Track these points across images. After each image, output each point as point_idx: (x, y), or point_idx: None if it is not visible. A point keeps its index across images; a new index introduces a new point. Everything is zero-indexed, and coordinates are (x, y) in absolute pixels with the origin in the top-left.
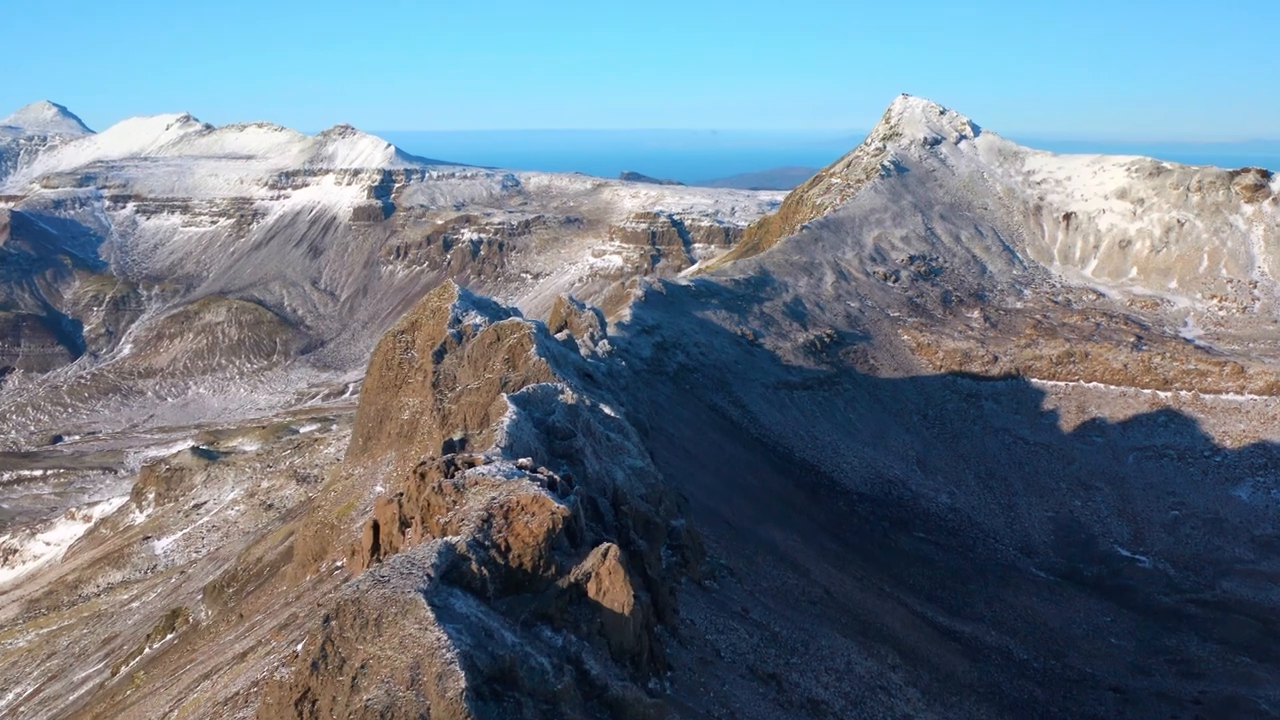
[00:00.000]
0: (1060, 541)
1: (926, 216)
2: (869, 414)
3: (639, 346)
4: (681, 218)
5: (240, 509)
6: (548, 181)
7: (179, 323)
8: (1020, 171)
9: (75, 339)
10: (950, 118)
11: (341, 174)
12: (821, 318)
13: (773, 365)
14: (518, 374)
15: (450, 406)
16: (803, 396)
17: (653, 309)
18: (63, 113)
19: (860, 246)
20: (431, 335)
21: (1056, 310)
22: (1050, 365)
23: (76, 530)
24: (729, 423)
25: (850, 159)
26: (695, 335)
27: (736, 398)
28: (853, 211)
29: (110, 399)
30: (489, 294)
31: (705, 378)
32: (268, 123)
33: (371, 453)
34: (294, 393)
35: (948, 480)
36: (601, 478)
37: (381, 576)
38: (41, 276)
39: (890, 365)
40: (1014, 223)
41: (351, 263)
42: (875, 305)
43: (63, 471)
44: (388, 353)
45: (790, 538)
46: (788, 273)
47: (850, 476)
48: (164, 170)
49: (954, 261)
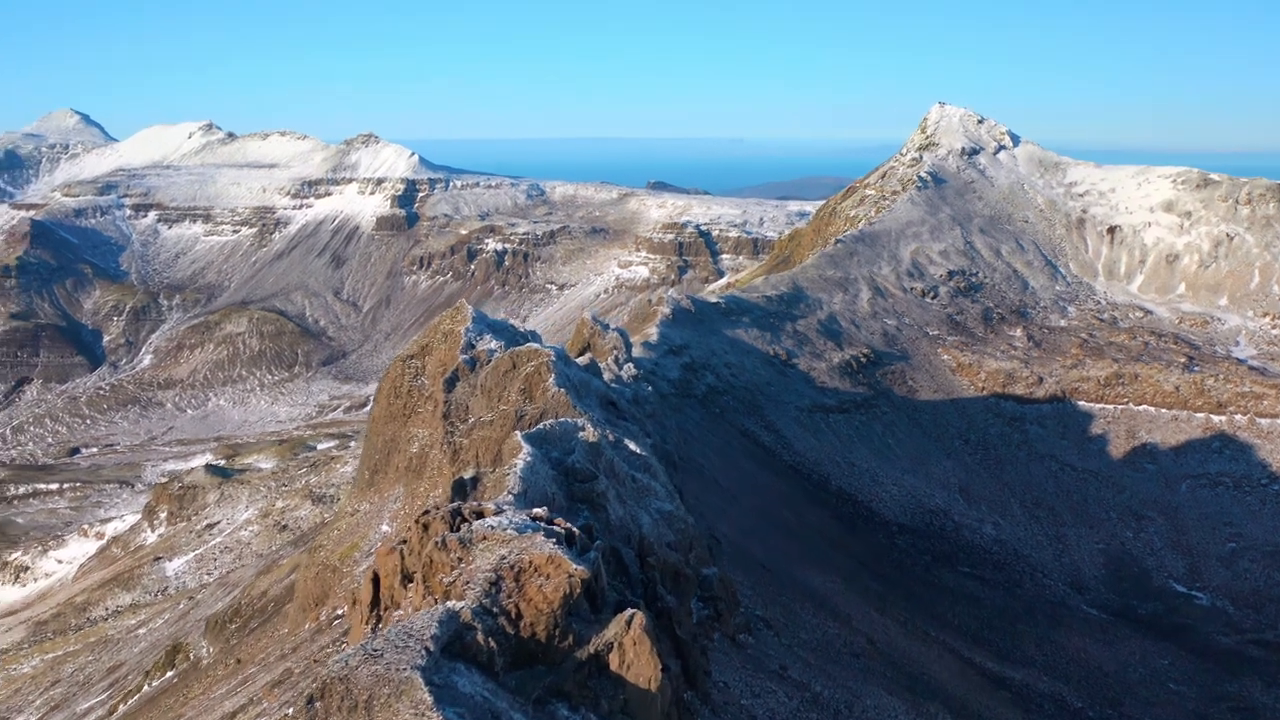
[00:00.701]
0: (1112, 576)
1: (965, 230)
2: (908, 439)
3: (666, 368)
4: (709, 228)
5: (254, 530)
6: (573, 191)
7: (199, 333)
8: (1062, 183)
9: (95, 349)
10: (989, 127)
11: (365, 183)
12: (857, 336)
13: (807, 387)
14: (535, 406)
15: (462, 440)
16: (838, 420)
17: (681, 328)
18: (85, 121)
19: (897, 261)
20: (443, 361)
21: (1102, 328)
22: (1098, 387)
23: (89, 548)
24: (761, 449)
25: (885, 170)
26: (725, 355)
27: (769, 422)
28: (889, 224)
29: (129, 410)
30: (513, 305)
31: (736, 400)
32: (290, 131)
33: (378, 487)
34: (315, 405)
35: (992, 510)
36: (626, 525)
37: (374, 650)
38: (62, 286)
39: (930, 386)
40: (1056, 236)
41: (374, 273)
42: (913, 323)
43: (79, 485)
44: (396, 379)
45: (829, 579)
46: (822, 289)
47: (889, 506)
48: (186, 179)
49: (995, 277)
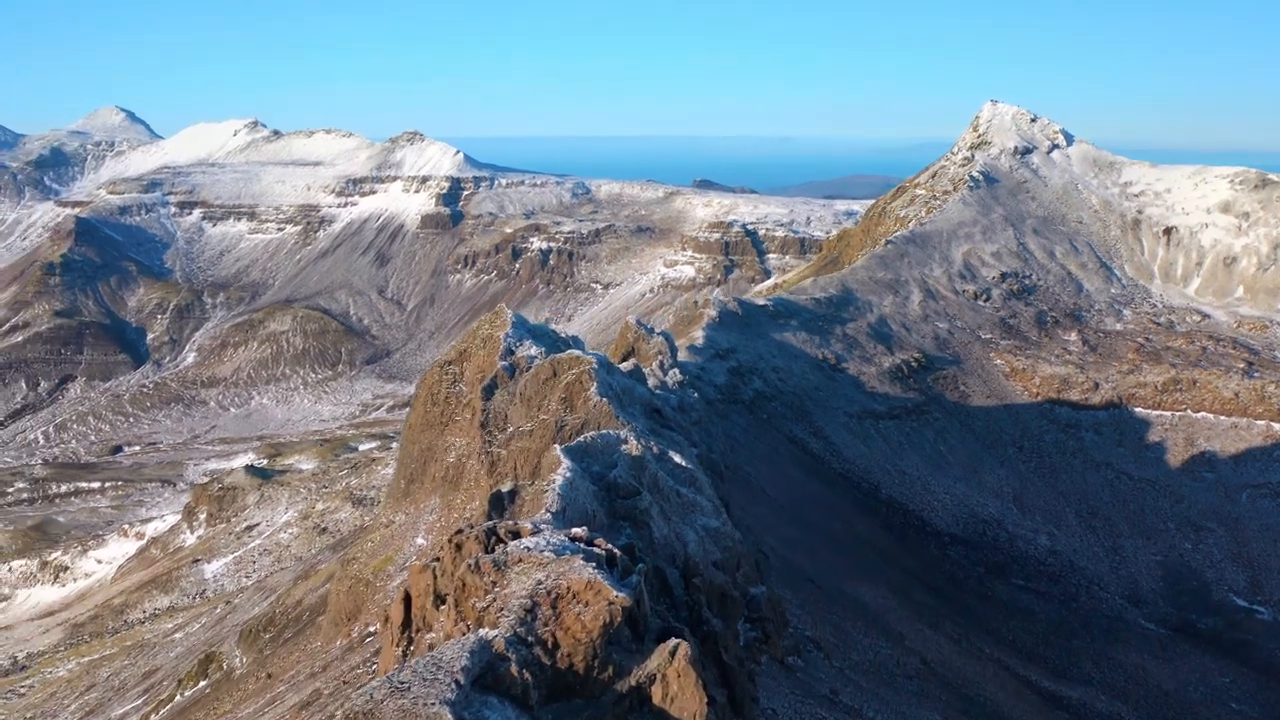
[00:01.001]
0: (1170, 589)
1: (1018, 231)
2: (960, 446)
3: (712, 372)
4: (755, 227)
5: (293, 532)
6: (619, 189)
7: (243, 331)
8: (1116, 183)
9: (139, 347)
10: (1041, 125)
11: (409, 181)
12: (908, 340)
13: (856, 392)
14: (576, 416)
15: (500, 451)
16: (889, 426)
17: (727, 330)
18: (130, 118)
19: (949, 263)
20: (481, 367)
21: (1159, 333)
22: (1155, 393)
23: (128, 548)
24: (809, 456)
25: (935, 169)
26: (773, 359)
27: (818, 428)
28: (940, 225)
29: (172, 409)
30: (558, 304)
31: (784, 406)
32: (335, 129)
33: (414, 497)
34: (359, 404)
35: (1046, 520)
36: (670, 543)
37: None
38: (106, 283)
39: (982, 392)
40: (1111, 238)
41: (419, 271)
42: (965, 326)
43: (120, 484)
44: (433, 386)
45: (880, 594)
46: (872, 291)
47: (941, 515)
48: (231, 176)
49: (1048, 279)
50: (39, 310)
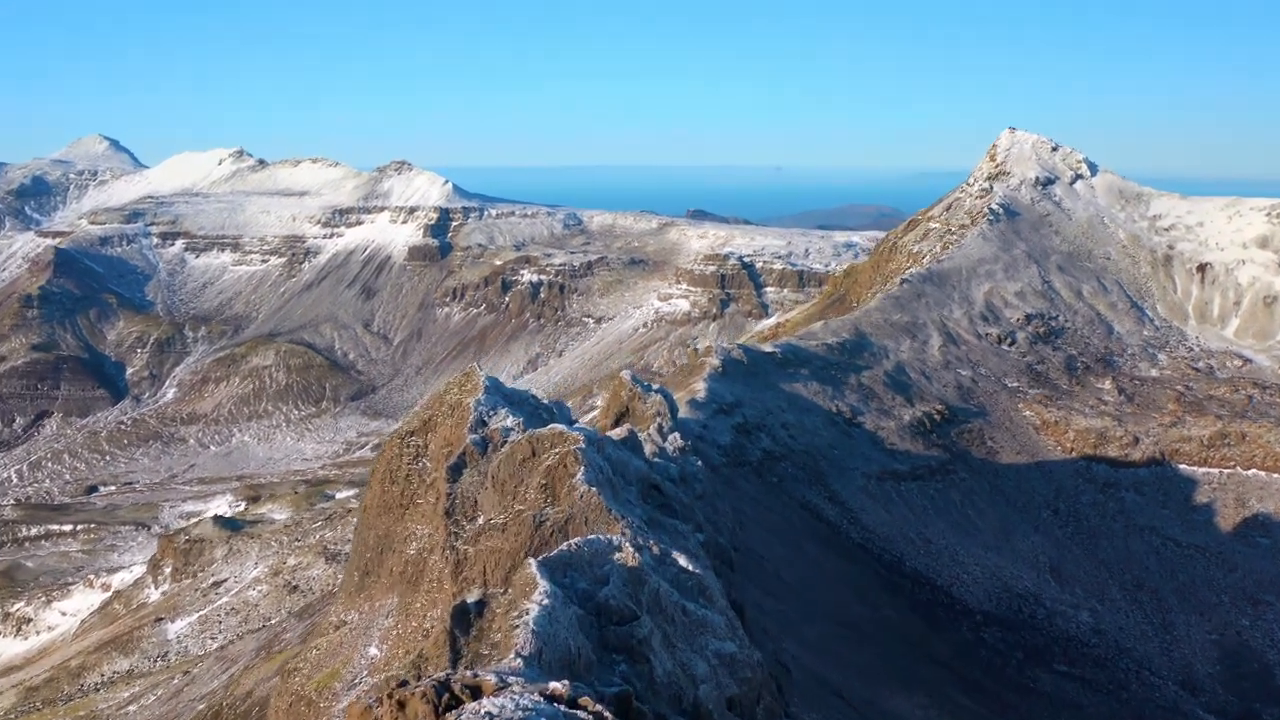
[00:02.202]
0: (1229, 673)
1: (1042, 268)
2: (990, 509)
3: (716, 430)
4: (752, 260)
5: (262, 589)
6: (611, 220)
7: (225, 366)
8: (1144, 216)
9: (118, 382)
10: (1064, 154)
11: (397, 212)
12: (929, 389)
13: (875, 450)
14: (558, 509)
15: (467, 549)
16: (911, 489)
17: (731, 382)
18: (114, 146)
19: (969, 303)
20: (448, 440)
21: (1199, 380)
22: (1201, 448)
23: (94, 600)
24: (825, 525)
25: (950, 201)
26: (782, 414)
27: (833, 492)
28: (959, 262)
29: (150, 446)
30: (549, 339)
31: (796, 467)
32: (322, 158)
33: (369, 593)
34: (342, 442)
35: (1088, 593)
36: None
37: None
38: (85, 316)
39: (1012, 448)
40: (1141, 275)
41: (406, 304)
42: (990, 374)
43: (93, 527)
44: (392, 461)
45: (915, 702)
46: (888, 335)
47: (973, 591)
48: (215, 207)
49: (1076, 320)
50: (15, 344)
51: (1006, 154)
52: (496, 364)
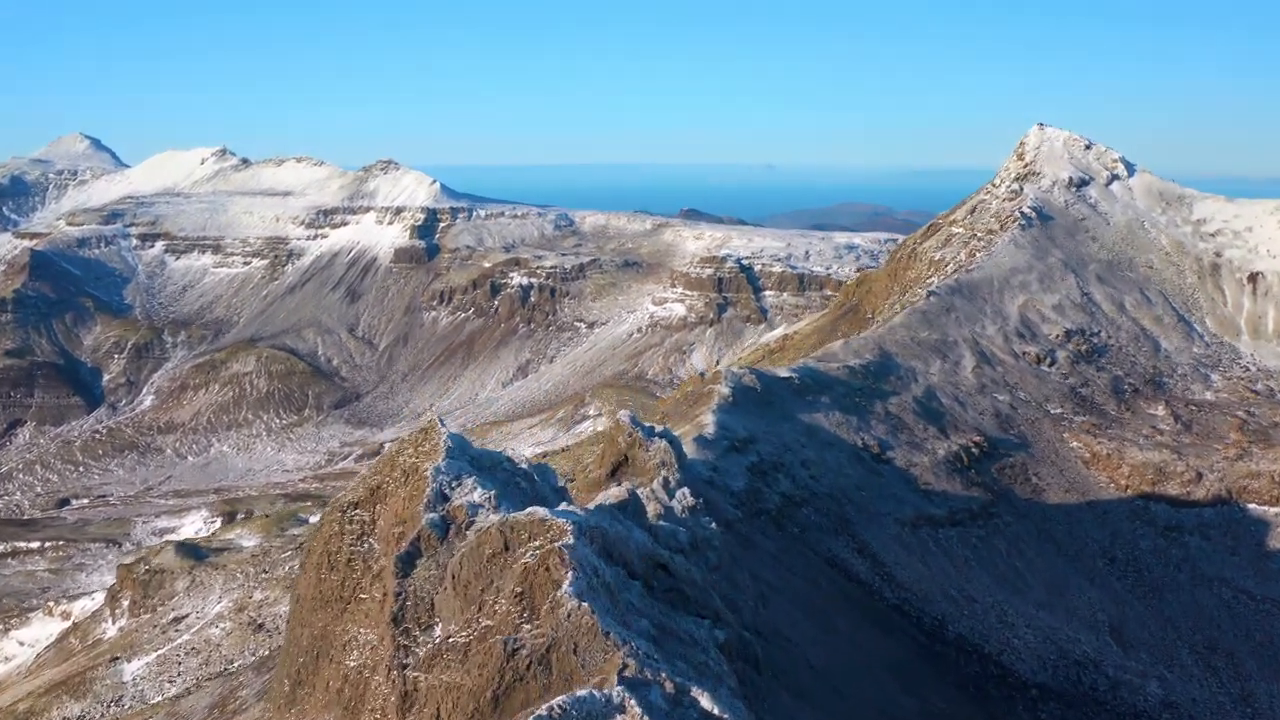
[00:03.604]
0: None
1: (1081, 278)
2: (1039, 560)
3: (728, 473)
4: (751, 262)
5: (225, 627)
6: (604, 221)
7: (204, 372)
8: (1188, 220)
9: (94, 389)
10: (1098, 153)
11: (383, 212)
12: (964, 418)
13: (907, 491)
14: (538, 629)
15: (418, 677)
16: (950, 536)
17: (744, 413)
18: (95, 145)
19: (1003, 318)
20: (400, 517)
21: (1261, 404)
22: (1272, 485)
23: (52, 630)
24: (856, 586)
25: (974, 203)
26: (802, 450)
27: (862, 543)
28: (990, 271)
29: (125, 457)
30: (539, 344)
31: (819, 514)
32: (307, 157)
33: (301, 707)
34: (325, 452)
35: (1154, 658)
36: None
37: None
38: (61, 320)
39: (1060, 485)
40: (1187, 285)
41: (391, 308)
42: (1030, 398)
43: (62, 544)
44: (331, 540)
45: None
46: (915, 355)
47: (1025, 658)
48: (196, 207)
49: (1119, 336)
50: None
51: (1036, 152)
52: (485, 370)
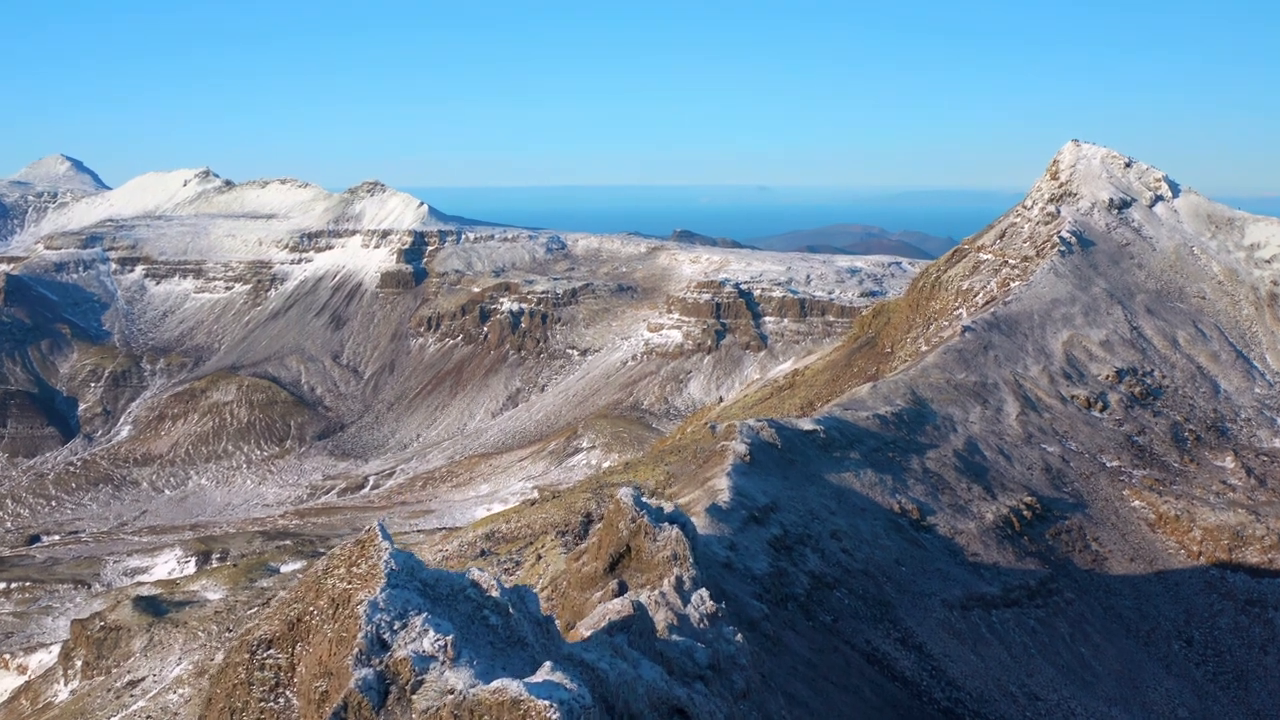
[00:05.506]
0: None
1: (1128, 310)
2: (1107, 645)
3: (748, 552)
4: (750, 287)
5: (184, 693)
6: (597, 244)
7: (183, 402)
8: (1240, 245)
9: (69, 419)
10: (1139, 171)
11: (369, 235)
12: (1010, 474)
13: (953, 564)
14: None
15: None
16: (1006, 620)
17: (762, 475)
18: (77, 167)
19: (1047, 356)
20: (325, 665)
21: None
22: None
23: (7, 684)
24: (902, 687)
25: (1003, 227)
26: (832, 518)
27: (906, 631)
28: (1029, 304)
29: (100, 491)
30: (530, 372)
31: (854, 597)
32: (291, 179)
33: None
34: (307, 485)
35: None
36: None
37: None
38: (36, 348)
39: (1124, 553)
40: (1243, 318)
41: (377, 335)
42: (1082, 449)
43: (29, 585)
44: (234, 691)
45: None
46: (953, 400)
47: None
48: (177, 230)
49: (1175, 376)
50: None
51: (1071, 171)
52: (474, 399)
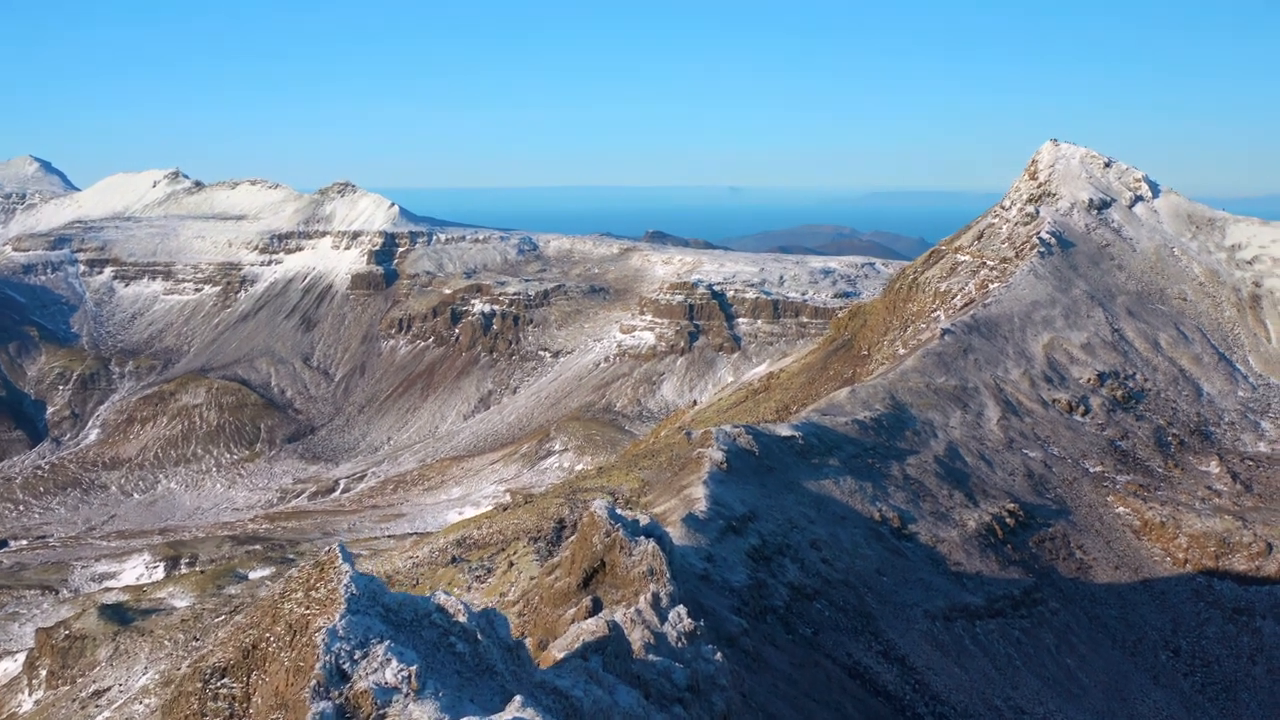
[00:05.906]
0: None
1: (1109, 312)
2: (1093, 655)
3: (725, 563)
4: (722, 288)
5: (150, 703)
6: (569, 245)
7: (152, 404)
8: (1221, 246)
9: (37, 423)
10: (1119, 171)
11: (339, 236)
12: (992, 480)
13: (935, 574)
14: None
15: None
16: (990, 631)
17: (740, 482)
18: (45, 168)
19: (1027, 359)
20: (281, 693)
21: None
22: None
23: None
24: (885, 702)
25: (981, 228)
26: (811, 527)
27: (888, 643)
28: (1008, 306)
29: (68, 495)
30: (502, 374)
31: (835, 609)
32: (261, 179)
33: None
34: (277, 489)
35: None
36: None
37: None
38: (4, 350)
39: (1108, 560)
40: (1225, 319)
41: (348, 337)
42: (1065, 454)
43: None
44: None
45: None
46: (932, 405)
47: None
48: (146, 231)
49: (1157, 379)
50: None
51: (1050, 171)
52: (446, 402)
